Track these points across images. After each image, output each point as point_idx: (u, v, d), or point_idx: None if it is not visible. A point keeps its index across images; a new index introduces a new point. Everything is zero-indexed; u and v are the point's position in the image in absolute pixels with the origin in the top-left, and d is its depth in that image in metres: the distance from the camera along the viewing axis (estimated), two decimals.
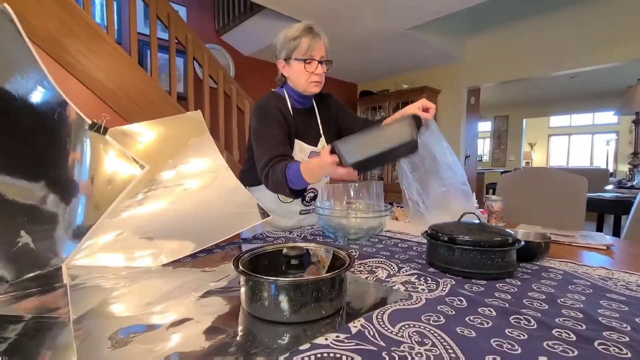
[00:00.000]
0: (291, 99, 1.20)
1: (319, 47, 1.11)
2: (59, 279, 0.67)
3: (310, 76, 1.12)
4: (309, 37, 1.09)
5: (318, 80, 1.14)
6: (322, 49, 1.12)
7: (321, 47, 1.12)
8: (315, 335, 0.46)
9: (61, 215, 0.75)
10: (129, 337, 0.46)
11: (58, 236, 0.74)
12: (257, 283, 0.51)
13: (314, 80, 1.13)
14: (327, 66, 1.15)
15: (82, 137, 0.81)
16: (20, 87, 0.72)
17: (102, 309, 0.56)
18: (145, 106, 2.01)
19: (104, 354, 0.42)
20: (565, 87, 6.40)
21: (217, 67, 2.68)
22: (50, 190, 0.74)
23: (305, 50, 1.09)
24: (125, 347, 0.44)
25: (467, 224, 0.78)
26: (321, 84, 1.16)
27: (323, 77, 1.15)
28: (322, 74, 1.14)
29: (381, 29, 3.29)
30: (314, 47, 1.10)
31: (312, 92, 1.17)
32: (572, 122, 9.31)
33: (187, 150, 1.14)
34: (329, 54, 1.16)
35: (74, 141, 0.79)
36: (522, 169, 1.91)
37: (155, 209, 0.93)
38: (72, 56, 1.76)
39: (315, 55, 1.11)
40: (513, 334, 0.46)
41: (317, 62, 1.11)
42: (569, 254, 0.93)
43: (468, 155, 4.56)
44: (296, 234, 1.09)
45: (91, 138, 0.83)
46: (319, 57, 1.11)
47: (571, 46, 3.48)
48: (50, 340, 0.46)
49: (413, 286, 0.64)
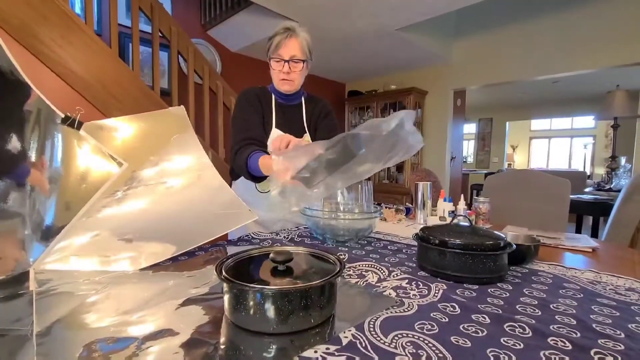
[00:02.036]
0: (275, 95, 1.22)
1: (289, 46, 1.10)
2: (24, 285, 0.62)
3: (279, 74, 1.14)
4: (280, 36, 1.10)
5: (285, 78, 1.14)
6: (294, 48, 1.11)
7: (293, 46, 1.11)
8: (303, 346, 0.44)
9: (27, 215, 0.69)
10: (98, 353, 0.42)
11: (24, 238, 0.69)
12: (242, 291, 0.48)
13: (281, 78, 1.14)
14: (299, 65, 1.13)
15: (52, 132, 0.76)
16: None
17: (72, 319, 0.51)
18: (125, 100, 1.93)
19: None
20: (547, 92, 6.57)
21: (202, 62, 2.61)
22: (13, 188, 0.68)
23: (274, 48, 1.11)
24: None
25: (458, 227, 0.77)
26: (292, 82, 1.16)
27: (295, 76, 1.15)
28: (292, 72, 1.14)
29: (370, 28, 3.28)
30: (282, 45, 1.10)
31: (284, 91, 1.18)
32: (552, 126, 9.59)
33: (169, 147, 1.08)
34: (307, 54, 1.15)
35: (43, 135, 0.74)
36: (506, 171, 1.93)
37: (135, 208, 0.88)
38: (45, 45, 1.66)
39: (282, 53, 1.11)
40: (509, 343, 0.45)
41: (283, 61, 1.11)
42: (555, 256, 0.93)
43: (454, 156, 4.62)
44: (283, 236, 1.06)
45: (63, 132, 0.78)
46: (287, 55, 1.11)
47: (553, 52, 3.56)
48: (6, 358, 0.41)
49: (404, 291, 0.62)
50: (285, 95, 1.21)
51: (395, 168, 4.84)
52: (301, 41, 1.12)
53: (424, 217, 1.36)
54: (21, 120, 0.70)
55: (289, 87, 1.17)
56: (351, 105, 5.18)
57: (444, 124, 4.48)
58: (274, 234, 1.08)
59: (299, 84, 1.19)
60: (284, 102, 1.23)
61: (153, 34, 2.28)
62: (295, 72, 1.14)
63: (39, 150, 0.73)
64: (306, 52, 1.14)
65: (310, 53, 1.16)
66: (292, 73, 1.14)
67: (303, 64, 1.14)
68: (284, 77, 1.14)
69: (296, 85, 1.18)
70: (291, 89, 1.18)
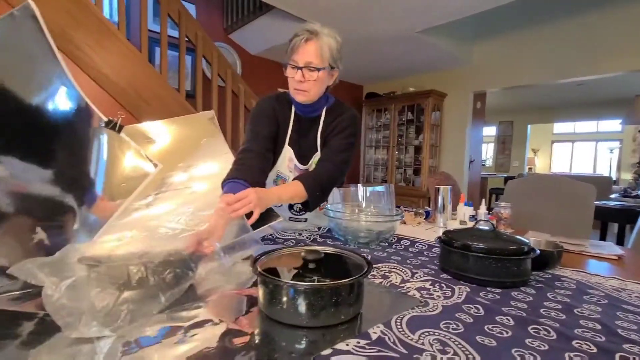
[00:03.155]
0: (294, 104, 1.11)
1: (305, 51, 0.98)
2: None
3: (292, 82, 1.03)
4: (298, 38, 0.98)
5: (297, 87, 1.02)
6: (311, 54, 0.98)
7: (309, 52, 0.98)
8: (334, 340, 0.46)
9: (78, 212, 0.75)
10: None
11: (73, 233, 0.75)
12: (277, 286, 0.51)
13: (294, 87, 1.03)
14: (314, 74, 0.99)
15: (99, 135, 0.82)
16: (40, 85, 0.72)
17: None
18: (153, 103, 2.02)
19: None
20: (571, 94, 6.39)
21: (226, 65, 2.69)
22: (68, 186, 0.74)
23: (290, 52, 1.01)
24: (146, 348, 0.44)
25: (481, 231, 0.78)
26: (306, 92, 1.03)
27: (308, 86, 1.01)
28: (305, 82, 1.00)
29: (390, 31, 3.29)
30: (298, 50, 0.98)
31: (299, 101, 1.06)
32: (575, 129, 9.29)
33: (198, 152, 1.14)
34: (328, 61, 1.01)
35: (91, 139, 0.80)
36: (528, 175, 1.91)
37: (162, 211, 0.93)
38: (81, 50, 1.76)
39: (297, 59, 0.99)
40: (534, 345, 0.46)
41: (295, 68, 1.00)
42: (579, 263, 0.92)
43: (472, 160, 4.55)
44: (305, 236, 1.09)
45: (107, 136, 0.84)
46: (302, 62, 0.99)
47: (577, 55, 3.47)
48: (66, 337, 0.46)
49: (428, 292, 0.64)
50: (303, 106, 1.09)
51: (413, 171, 4.82)
52: (321, 46, 0.98)
53: (443, 221, 1.37)
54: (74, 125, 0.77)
55: (302, 98, 1.04)
56: (369, 108, 5.19)
57: (462, 127, 4.43)
58: (296, 233, 1.12)
59: (315, 94, 1.05)
60: (302, 113, 1.12)
61: (180, 38, 2.37)
62: (310, 81, 1.00)
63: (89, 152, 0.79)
64: (327, 58, 1.00)
65: (334, 60, 1.03)
66: (306, 82, 1.00)
67: (319, 72, 0.99)
68: (296, 87, 1.02)
69: (311, 96, 1.04)
70: (305, 99, 1.05)
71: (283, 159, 1.13)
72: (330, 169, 1.06)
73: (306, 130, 1.13)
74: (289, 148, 1.12)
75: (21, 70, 0.70)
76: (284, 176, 1.16)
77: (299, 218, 1.23)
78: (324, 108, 1.12)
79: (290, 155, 1.13)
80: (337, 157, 1.08)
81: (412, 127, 4.76)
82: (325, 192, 1.05)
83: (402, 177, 4.93)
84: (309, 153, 1.14)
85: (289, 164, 1.14)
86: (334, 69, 1.05)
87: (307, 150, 1.14)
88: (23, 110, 0.70)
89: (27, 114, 0.70)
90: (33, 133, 0.71)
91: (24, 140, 0.69)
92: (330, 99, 1.15)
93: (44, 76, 0.74)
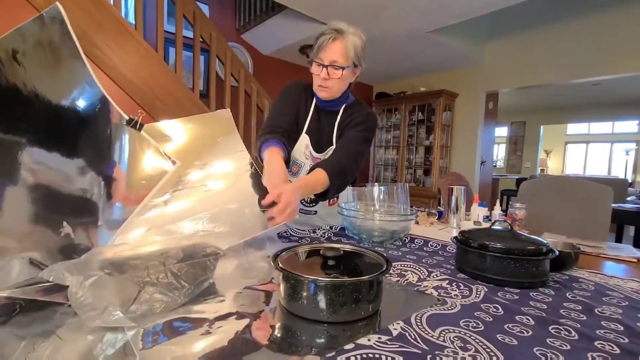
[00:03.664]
0: (316, 96, 1.17)
1: (331, 50, 1.02)
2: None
3: (317, 79, 1.08)
4: (324, 37, 1.03)
5: (322, 84, 1.07)
6: (336, 53, 1.02)
7: (335, 50, 1.02)
8: (355, 335, 0.47)
9: (101, 208, 0.77)
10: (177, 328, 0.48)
11: (97, 228, 0.77)
12: (299, 282, 0.52)
13: (318, 83, 1.08)
14: (338, 72, 1.04)
15: (120, 133, 0.84)
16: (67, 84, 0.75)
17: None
18: (168, 102, 2.05)
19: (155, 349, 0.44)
20: (586, 95, 6.26)
21: (238, 65, 2.71)
22: (92, 182, 0.76)
23: (316, 50, 1.05)
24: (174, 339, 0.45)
25: (498, 231, 0.78)
26: (329, 89, 1.08)
27: (332, 83, 1.06)
28: (330, 79, 1.05)
29: (402, 30, 3.28)
30: (324, 49, 1.03)
31: (321, 97, 1.12)
32: (590, 130, 9.10)
33: (214, 150, 1.15)
34: (353, 59, 1.06)
35: (114, 136, 0.82)
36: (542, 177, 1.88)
37: (179, 208, 0.95)
38: (100, 51, 1.81)
39: (323, 57, 1.04)
40: (555, 344, 0.46)
41: (322, 66, 1.04)
42: (595, 265, 0.92)
43: (484, 160, 4.51)
44: (320, 234, 1.10)
45: (129, 134, 0.86)
46: (327, 60, 1.03)
47: (594, 54, 3.41)
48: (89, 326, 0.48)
49: (445, 291, 0.65)
50: (324, 101, 1.15)
51: (423, 171, 4.79)
52: (347, 44, 1.02)
53: (457, 222, 1.36)
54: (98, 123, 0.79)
55: (325, 95, 1.10)
56: (379, 108, 5.17)
57: (474, 127, 4.38)
58: (310, 231, 1.13)
59: (338, 91, 1.10)
60: (322, 106, 1.17)
61: (194, 39, 2.41)
62: (334, 79, 1.05)
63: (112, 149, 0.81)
64: (351, 57, 1.05)
65: (359, 58, 1.07)
66: (330, 80, 1.06)
67: (343, 70, 1.04)
68: (320, 84, 1.08)
69: (334, 92, 1.10)
70: (328, 96, 1.11)
71: (300, 145, 1.17)
72: (345, 158, 1.08)
73: (324, 122, 1.18)
74: (306, 136, 1.16)
75: (50, 69, 0.72)
76: (299, 162, 1.20)
77: (309, 210, 1.25)
78: (343, 105, 1.17)
79: (306, 142, 1.17)
80: (351, 147, 1.10)
81: (422, 127, 4.74)
82: (344, 180, 1.06)
83: (412, 178, 4.90)
84: (325, 144, 1.18)
85: (305, 150, 1.17)
86: (357, 66, 1.09)
87: (322, 140, 1.18)
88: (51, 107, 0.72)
89: (55, 111, 0.73)
90: (61, 130, 0.73)
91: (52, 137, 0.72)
92: (350, 97, 1.20)
93: (70, 75, 0.77)
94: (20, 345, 0.43)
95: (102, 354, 0.42)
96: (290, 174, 1.20)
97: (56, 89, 0.73)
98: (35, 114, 0.71)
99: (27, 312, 0.52)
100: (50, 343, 0.44)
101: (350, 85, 1.16)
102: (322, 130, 1.17)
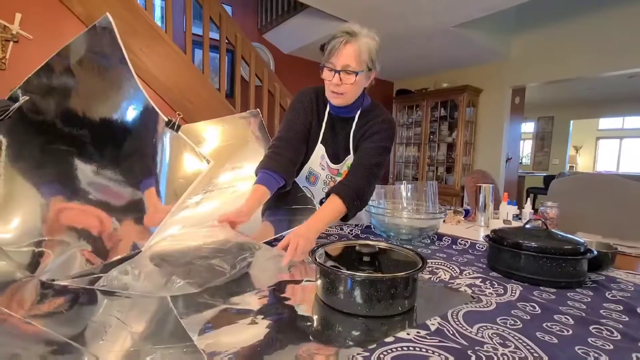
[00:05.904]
0: (329, 103, 1.10)
1: (343, 54, 0.95)
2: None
3: (329, 85, 1.01)
4: (336, 40, 0.96)
5: (335, 90, 1.00)
6: (349, 57, 0.95)
7: (347, 55, 0.95)
8: (393, 329, 0.49)
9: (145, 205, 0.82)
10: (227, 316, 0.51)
11: (141, 224, 0.82)
12: (337, 277, 0.54)
13: (331, 89, 1.01)
14: (351, 77, 0.97)
15: (161, 135, 0.89)
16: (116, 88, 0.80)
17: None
18: (197, 103, 2.12)
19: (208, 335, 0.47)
20: (620, 88, 5.95)
21: (262, 66, 2.76)
22: (138, 181, 0.81)
23: (327, 54, 0.98)
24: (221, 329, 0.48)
25: (532, 230, 0.77)
26: (343, 95, 1.01)
27: (345, 89, 0.99)
28: (342, 85, 0.98)
29: (425, 26, 3.23)
30: (335, 53, 0.96)
31: (334, 104, 1.05)
32: (624, 125, 8.64)
33: (244, 152, 1.19)
34: (366, 63, 0.98)
35: (156, 137, 0.87)
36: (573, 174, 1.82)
37: (209, 208, 0.99)
38: (134, 54, 1.89)
39: (335, 62, 0.96)
40: (597, 344, 0.46)
41: (332, 71, 0.97)
42: (633, 265, 0.89)
43: (510, 157, 4.38)
44: (347, 231, 1.12)
45: (169, 135, 0.91)
46: (339, 65, 0.96)
47: (629, 44, 3.23)
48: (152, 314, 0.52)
49: (480, 289, 0.65)
50: (338, 107, 1.07)
51: (445, 169, 4.71)
52: (359, 47, 0.96)
53: (484, 220, 1.35)
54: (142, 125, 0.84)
55: (338, 101, 1.03)
56: (399, 104, 5.12)
57: (499, 123, 4.26)
58: (338, 228, 1.15)
59: (351, 97, 1.03)
60: (335, 114, 1.10)
61: (220, 40, 2.47)
62: (347, 84, 0.98)
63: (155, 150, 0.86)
64: (365, 61, 0.98)
65: (372, 61, 1.00)
66: (343, 85, 0.98)
67: (356, 75, 0.97)
68: (333, 90, 1.00)
69: (348, 98, 1.02)
70: (341, 102, 1.03)
71: (316, 156, 1.13)
72: (360, 174, 1.02)
73: (339, 130, 1.12)
74: (321, 146, 1.12)
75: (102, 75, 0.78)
76: (315, 173, 1.17)
77: None
78: (359, 110, 1.10)
79: (322, 153, 1.13)
80: (368, 160, 1.04)
81: (444, 124, 4.65)
82: (362, 199, 1.01)
83: (434, 175, 4.83)
84: (341, 153, 1.13)
85: (321, 161, 1.14)
86: (371, 70, 1.02)
87: (338, 150, 1.13)
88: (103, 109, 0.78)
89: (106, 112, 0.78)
90: (110, 130, 0.79)
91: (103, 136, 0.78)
92: (366, 101, 1.12)
93: (115, 80, 0.82)
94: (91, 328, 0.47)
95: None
96: (308, 183, 1.17)
97: (109, 92, 0.79)
98: (90, 113, 0.77)
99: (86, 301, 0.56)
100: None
101: (365, 89, 1.09)
102: (337, 139, 1.12)
